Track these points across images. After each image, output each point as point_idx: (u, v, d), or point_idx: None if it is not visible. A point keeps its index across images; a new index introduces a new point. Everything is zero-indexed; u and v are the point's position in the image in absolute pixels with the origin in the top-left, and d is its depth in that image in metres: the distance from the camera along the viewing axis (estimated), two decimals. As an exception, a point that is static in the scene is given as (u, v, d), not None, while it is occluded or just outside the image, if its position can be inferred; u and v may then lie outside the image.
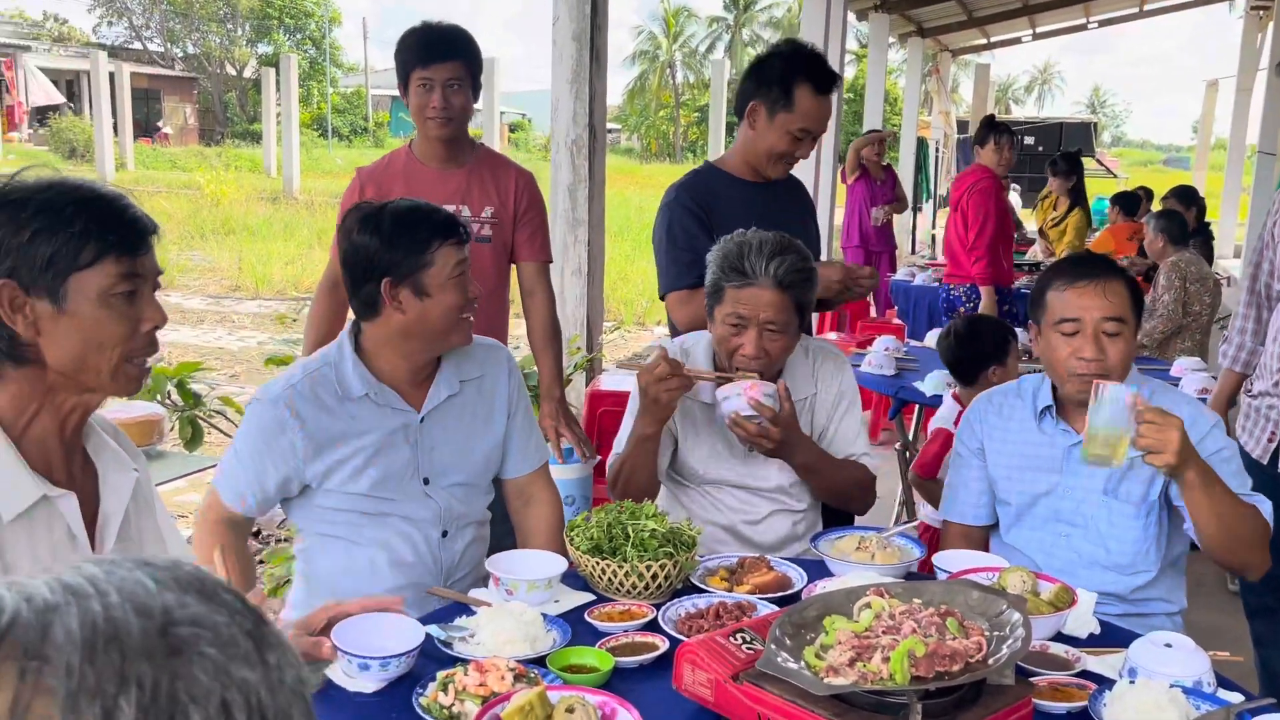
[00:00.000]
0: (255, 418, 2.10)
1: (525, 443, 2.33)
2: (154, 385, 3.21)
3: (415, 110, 2.93)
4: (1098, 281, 2.16)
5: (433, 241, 2.06)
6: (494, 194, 3.04)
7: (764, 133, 2.87)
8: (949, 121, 17.73)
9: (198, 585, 0.59)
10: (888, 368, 4.29)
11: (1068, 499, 2.23)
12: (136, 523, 1.59)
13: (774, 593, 2.00)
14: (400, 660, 1.63)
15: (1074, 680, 1.69)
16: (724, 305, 2.33)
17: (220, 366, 8.30)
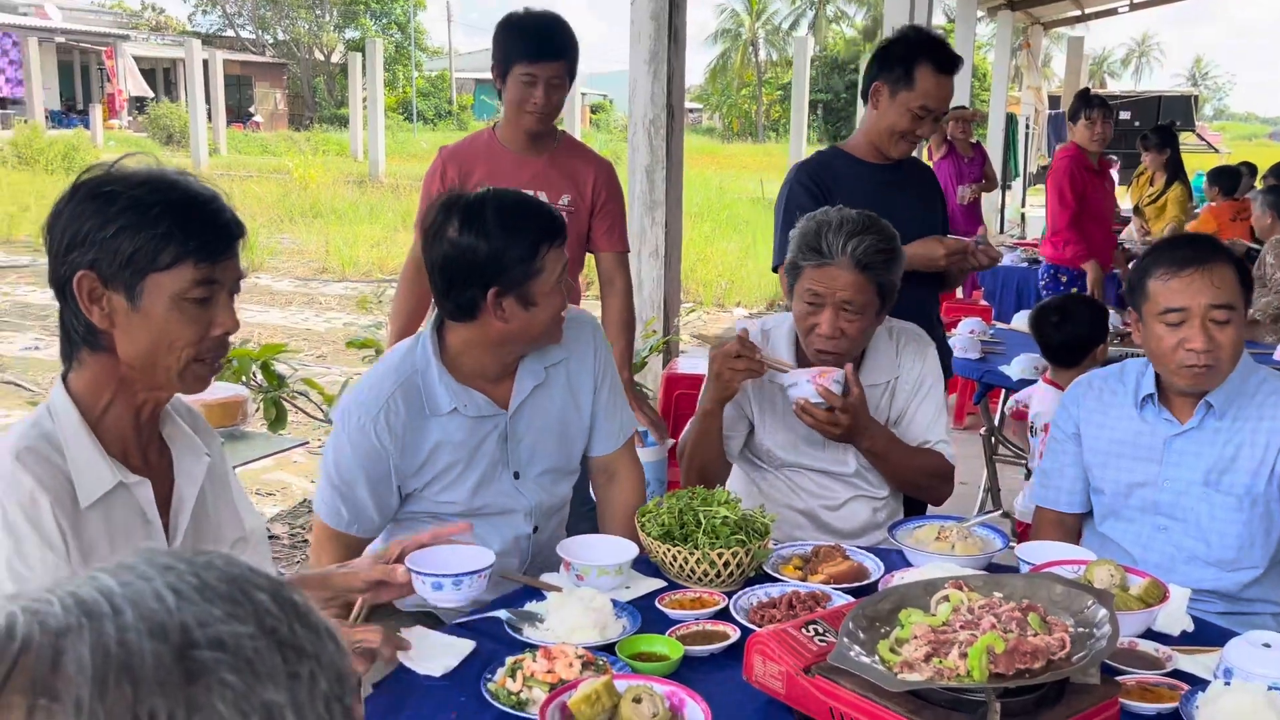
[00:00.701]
0: (352, 442, 2.01)
1: (611, 418, 2.26)
2: (239, 367, 3.28)
3: (514, 101, 2.93)
4: (1204, 268, 2.05)
5: (540, 246, 1.95)
6: (573, 183, 3.05)
7: (886, 111, 2.91)
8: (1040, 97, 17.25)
9: (226, 589, 0.56)
10: (973, 351, 4.18)
11: (1166, 491, 2.14)
12: (213, 505, 1.61)
13: (849, 583, 1.95)
14: (472, 579, 1.71)
15: (1164, 680, 1.62)
16: (801, 282, 2.30)
17: (307, 347, 8.47)
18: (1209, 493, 2.10)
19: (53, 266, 1.41)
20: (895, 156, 2.98)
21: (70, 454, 1.42)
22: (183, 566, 0.56)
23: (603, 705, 1.40)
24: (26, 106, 26.20)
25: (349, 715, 0.57)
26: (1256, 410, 2.09)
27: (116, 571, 0.55)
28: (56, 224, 1.40)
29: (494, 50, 2.96)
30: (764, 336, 2.48)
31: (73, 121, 28.52)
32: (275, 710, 0.52)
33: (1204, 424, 2.12)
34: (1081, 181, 5.33)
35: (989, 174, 8.28)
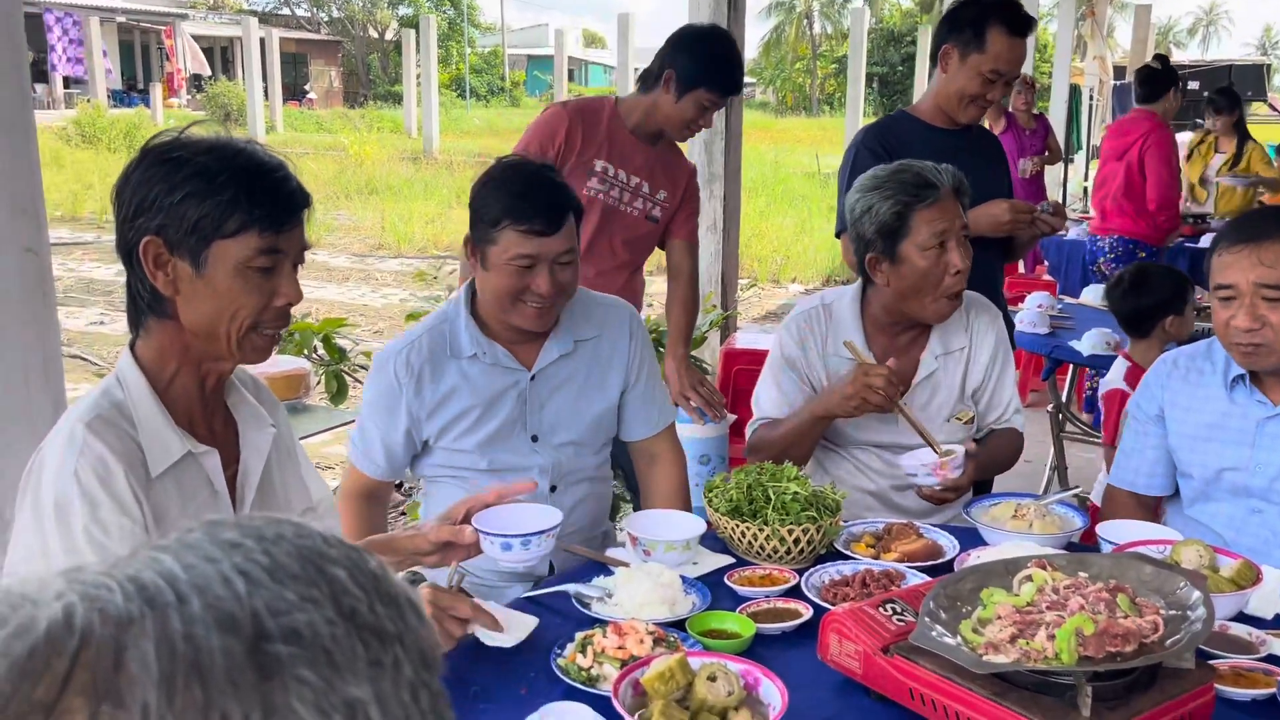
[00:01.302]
0: (374, 380, 2.14)
1: (648, 406, 2.27)
2: (301, 340, 3.29)
3: (681, 120, 2.97)
4: (1255, 244, 1.98)
5: (502, 220, 1.99)
6: (671, 181, 3.12)
7: (955, 75, 2.85)
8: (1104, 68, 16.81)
9: (299, 567, 0.50)
10: (1041, 326, 4.08)
11: (1259, 475, 2.06)
12: (279, 476, 1.60)
13: (923, 561, 1.90)
14: (539, 538, 1.70)
15: (1259, 665, 1.55)
16: (917, 233, 2.20)
17: (364, 323, 8.53)
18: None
19: (120, 232, 1.40)
20: (964, 121, 2.93)
21: (140, 422, 1.42)
22: (251, 543, 0.50)
23: (677, 683, 1.37)
24: (88, 86, 26.65)
25: (436, 699, 0.52)
26: None
27: (179, 551, 0.49)
28: (125, 189, 1.39)
29: (677, 56, 2.95)
30: (825, 312, 2.41)
31: (134, 100, 28.98)
32: (358, 707, 0.47)
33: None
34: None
35: (1052, 146, 8.08)
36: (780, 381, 2.39)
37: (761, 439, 2.36)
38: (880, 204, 2.22)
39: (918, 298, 2.26)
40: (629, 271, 3.16)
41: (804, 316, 2.42)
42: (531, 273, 2.00)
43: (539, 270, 2.00)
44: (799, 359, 2.38)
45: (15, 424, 1.91)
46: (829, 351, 2.38)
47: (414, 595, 0.54)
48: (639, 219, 3.09)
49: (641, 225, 3.11)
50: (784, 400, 2.38)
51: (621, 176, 3.02)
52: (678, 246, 3.18)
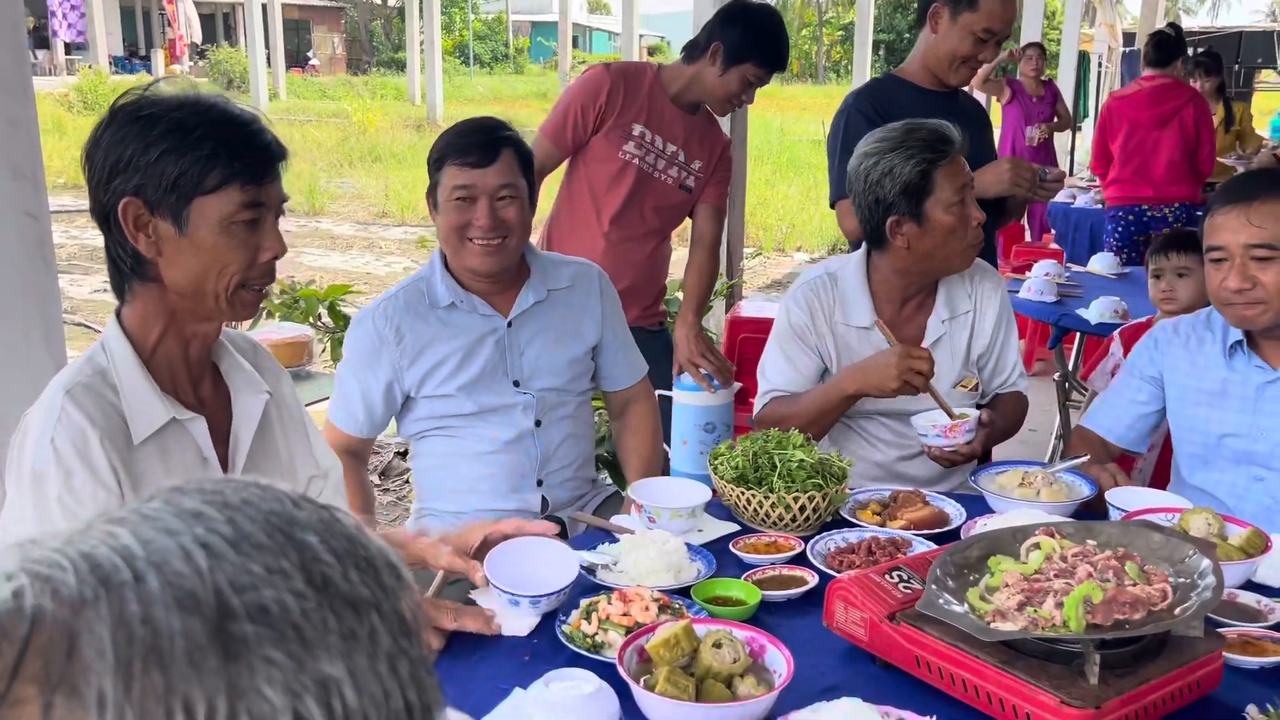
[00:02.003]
0: (353, 337, 2.20)
1: (625, 358, 2.39)
2: (305, 308, 3.28)
3: (724, 93, 2.98)
4: (1245, 205, 1.98)
5: (444, 159, 2.13)
6: (708, 151, 3.13)
7: (946, 35, 2.81)
8: (1114, 34, 16.65)
9: (266, 536, 0.46)
10: (1049, 294, 4.05)
11: (1263, 440, 2.04)
12: (284, 442, 1.59)
13: (930, 529, 1.89)
14: (551, 599, 1.57)
15: (1268, 633, 1.54)
16: (941, 191, 2.19)
17: (368, 290, 8.50)
18: None
19: (95, 196, 1.37)
20: (954, 84, 2.90)
21: (124, 390, 1.40)
22: (213, 512, 0.47)
23: (682, 649, 1.36)
24: (90, 52, 26.49)
25: (417, 666, 0.49)
26: None
27: (137, 524, 0.46)
28: (96, 151, 1.36)
29: (726, 30, 2.93)
30: (831, 281, 2.39)
31: (135, 67, 28.81)
32: (332, 685, 0.44)
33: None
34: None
35: (1061, 112, 8.00)
36: (789, 352, 2.37)
37: (778, 415, 2.31)
38: (902, 165, 2.19)
39: (943, 252, 2.25)
40: (657, 240, 3.16)
41: (810, 286, 2.40)
42: (472, 206, 2.10)
43: (479, 204, 2.11)
44: (807, 329, 2.36)
45: (16, 391, 1.90)
46: (837, 320, 2.36)
47: (393, 556, 0.51)
48: (673, 187, 3.09)
49: (675, 194, 3.10)
50: (792, 371, 2.36)
51: (659, 143, 3.02)
52: (704, 211, 3.18)
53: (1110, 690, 1.27)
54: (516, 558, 1.63)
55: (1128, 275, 4.70)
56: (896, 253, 2.27)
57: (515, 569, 1.60)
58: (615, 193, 3.02)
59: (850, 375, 2.24)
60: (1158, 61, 5.49)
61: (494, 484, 2.23)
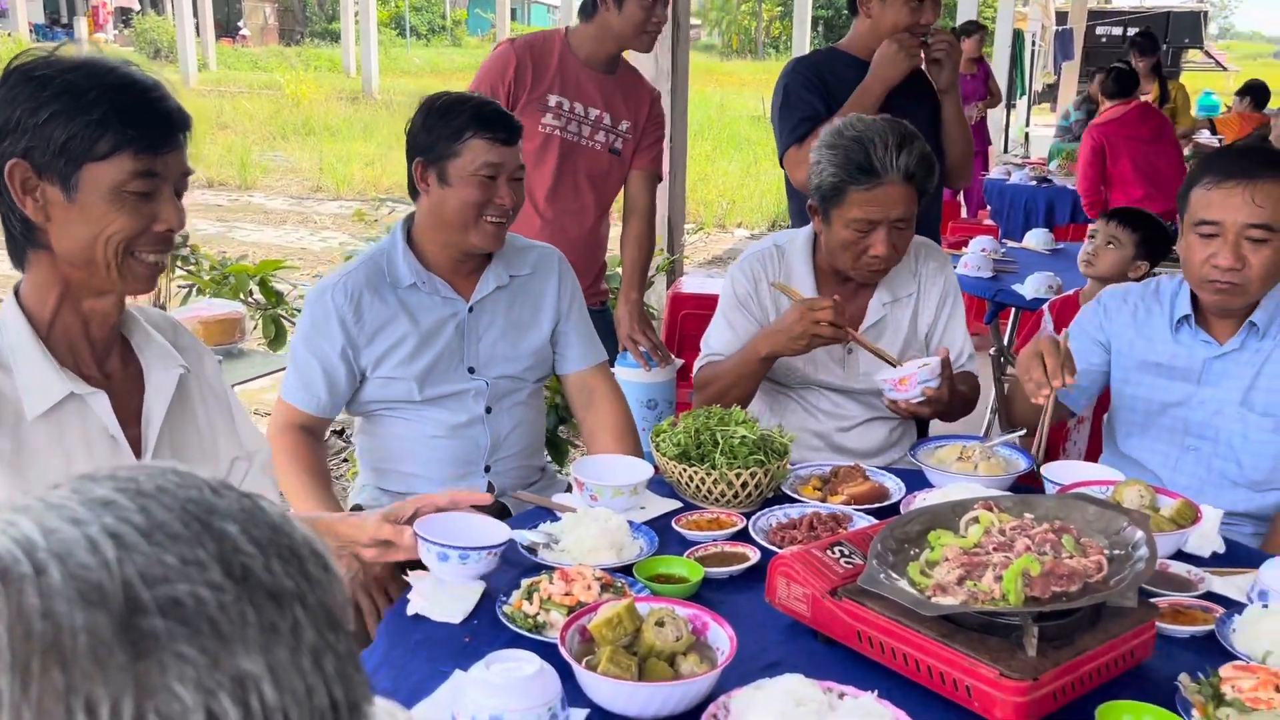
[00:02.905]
0: (310, 312, 2.14)
1: (584, 340, 2.33)
2: (236, 284, 3.20)
3: (634, 26, 2.87)
4: (1248, 182, 1.94)
5: (465, 131, 2.04)
6: (632, 108, 3.04)
7: (882, 15, 2.86)
8: (1047, 13, 16.88)
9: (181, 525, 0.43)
10: (985, 270, 4.10)
11: (1200, 410, 2.09)
12: (205, 421, 1.54)
13: (870, 503, 1.90)
14: (480, 555, 1.57)
15: (1197, 602, 1.58)
16: (848, 209, 2.18)
17: (303, 266, 8.36)
18: (1244, 413, 2.04)
19: None
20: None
21: (17, 366, 1.34)
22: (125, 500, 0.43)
23: (625, 629, 1.35)
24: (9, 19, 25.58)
25: (344, 661, 0.47)
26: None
27: (41, 513, 0.43)
28: None
29: None
30: (778, 253, 2.40)
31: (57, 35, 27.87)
32: (249, 682, 0.42)
33: (1245, 345, 2.06)
34: None
35: (993, 89, 8.10)
36: (733, 321, 2.38)
37: (705, 376, 2.36)
38: (826, 167, 2.20)
39: (836, 258, 2.29)
40: (595, 215, 3.08)
41: (757, 257, 2.40)
42: (494, 184, 2.06)
43: (500, 182, 2.07)
44: (751, 298, 2.37)
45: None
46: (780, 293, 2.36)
47: (319, 546, 0.48)
48: (601, 153, 3.02)
49: (605, 159, 3.03)
50: (736, 340, 2.37)
51: (579, 109, 2.96)
52: (637, 179, 3.11)
53: (1047, 661, 1.29)
54: (448, 525, 1.62)
55: (1061, 251, 4.78)
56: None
57: (446, 534, 1.59)
58: (543, 168, 2.96)
59: (763, 337, 2.24)
60: (1118, 94, 5.62)
61: (440, 468, 2.20)
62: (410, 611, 1.54)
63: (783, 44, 38.93)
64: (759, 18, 45.32)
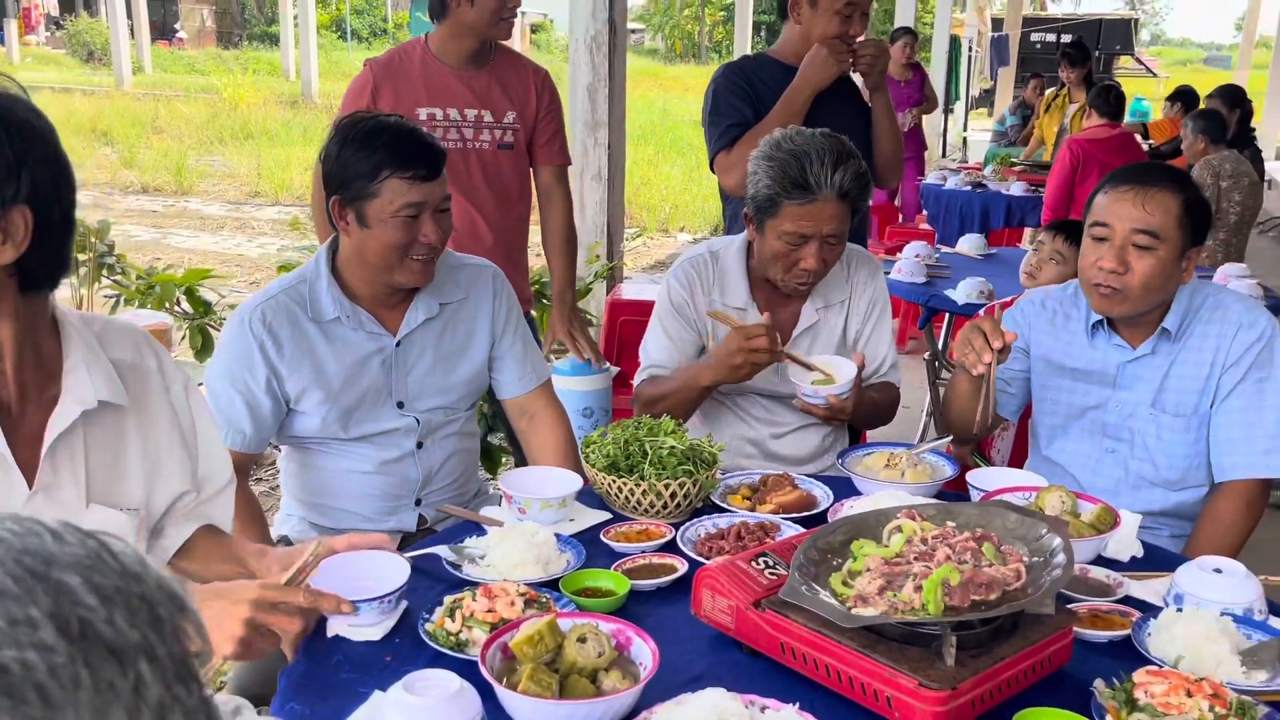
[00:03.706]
0: (227, 342, 2.02)
1: (521, 363, 2.24)
2: (162, 293, 3.13)
3: (490, 14, 2.76)
4: (1140, 189, 2.00)
5: (382, 170, 1.91)
6: (516, 97, 2.93)
7: (812, 22, 2.90)
8: (983, 19, 17.16)
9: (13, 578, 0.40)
10: (918, 275, 4.14)
11: (1116, 413, 2.13)
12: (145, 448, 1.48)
13: (798, 512, 1.91)
14: (372, 605, 1.47)
15: (1116, 607, 1.60)
16: (781, 221, 2.19)
17: (240, 273, 8.23)
18: (1156, 414, 2.09)
19: None
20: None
21: None
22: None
23: (546, 646, 1.34)
24: (-65, 21, 24.90)
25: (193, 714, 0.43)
26: (1202, 328, 2.08)
27: None
28: None
29: None
30: (712, 259, 2.41)
31: (-14, 37, 27.19)
32: None
33: (1158, 349, 2.10)
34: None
35: (929, 95, 8.20)
36: (669, 329, 2.38)
37: (647, 395, 2.34)
38: (763, 178, 2.21)
39: (767, 269, 2.30)
40: (502, 215, 2.98)
41: (691, 263, 2.40)
42: (417, 224, 1.95)
43: (424, 219, 1.96)
44: (686, 304, 2.37)
45: None
46: (715, 299, 2.37)
47: (176, 588, 0.45)
48: (491, 150, 2.91)
49: (496, 157, 2.92)
50: (673, 348, 2.37)
51: (454, 115, 2.85)
52: (544, 173, 3.02)
53: (966, 671, 1.30)
54: (348, 570, 1.54)
55: (994, 256, 4.85)
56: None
57: (348, 581, 1.50)
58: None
59: (705, 368, 2.24)
60: (1108, 114, 5.71)
61: (369, 503, 2.12)
62: (330, 633, 1.52)
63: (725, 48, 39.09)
64: (702, 22, 45.52)
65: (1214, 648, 1.43)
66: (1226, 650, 1.43)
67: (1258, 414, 2.03)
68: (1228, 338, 2.05)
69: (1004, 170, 7.49)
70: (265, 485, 4.07)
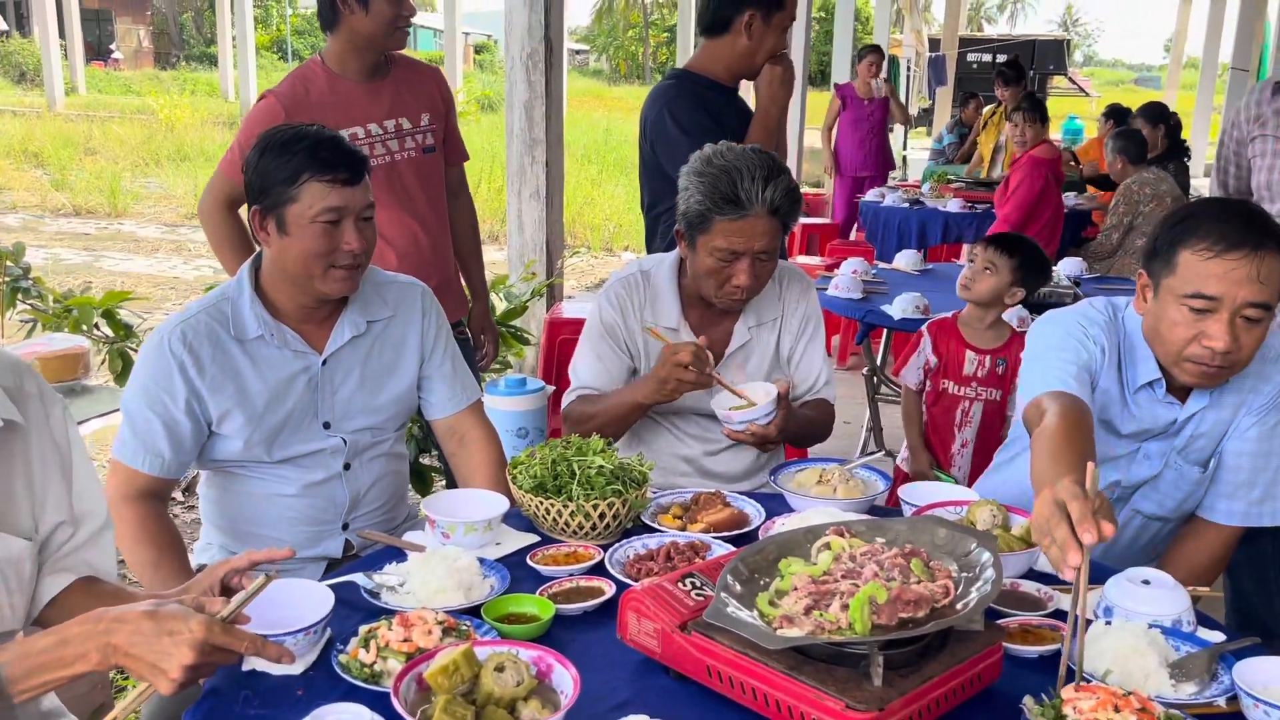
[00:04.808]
0: (145, 364, 1.93)
1: (450, 383, 2.18)
2: (80, 316, 3.03)
3: (385, 21, 2.70)
4: (1254, 255, 1.71)
5: (301, 173, 1.87)
6: (424, 98, 2.89)
7: (763, 38, 2.97)
8: (920, 40, 17.41)
9: None
10: (855, 291, 4.15)
11: (1143, 465, 2.02)
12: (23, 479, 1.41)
13: (729, 531, 1.87)
14: (295, 638, 1.40)
15: (1046, 621, 1.59)
16: (713, 238, 2.17)
17: (174, 296, 8.07)
18: (1179, 461, 2.02)
19: None
20: (753, 79, 3.06)
21: None
22: None
23: (462, 676, 1.29)
24: None
25: None
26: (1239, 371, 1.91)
27: None
28: None
29: None
30: (644, 279, 2.38)
31: (-87, 57, 26.55)
32: None
33: (1214, 401, 1.94)
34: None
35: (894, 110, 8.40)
36: (599, 350, 2.34)
37: (578, 414, 2.30)
38: (694, 194, 2.18)
39: (700, 285, 2.28)
40: (438, 222, 2.94)
41: (622, 283, 2.37)
42: (339, 230, 1.90)
43: (346, 226, 1.91)
44: (618, 326, 2.34)
45: None
46: (646, 318, 2.34)
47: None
48: (418, 157, 2.86)
49: (424, 162, 2.87)
50: (603, 369, 2.33)
51: (375, 130, 2.78)
52: (454, 174, 3.04)
53: (894, 691, 1.27)
54: (269, 599, 1.44)
55: (930, 271, 4.89)
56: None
57: (270, 611, 1.43)
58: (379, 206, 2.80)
59: (638, 385, 2.23)
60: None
61: (294, 528, 2.04)
62: (246, 666, 1.45)
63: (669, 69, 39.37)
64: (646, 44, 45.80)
65: (1142, 660, 1.42)
66: (1155, 663, 1.42)
67: (1264, 459, 1.95)
68: (1258, 376, 1.93)
69: (941, 188, 7.57)
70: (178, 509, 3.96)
